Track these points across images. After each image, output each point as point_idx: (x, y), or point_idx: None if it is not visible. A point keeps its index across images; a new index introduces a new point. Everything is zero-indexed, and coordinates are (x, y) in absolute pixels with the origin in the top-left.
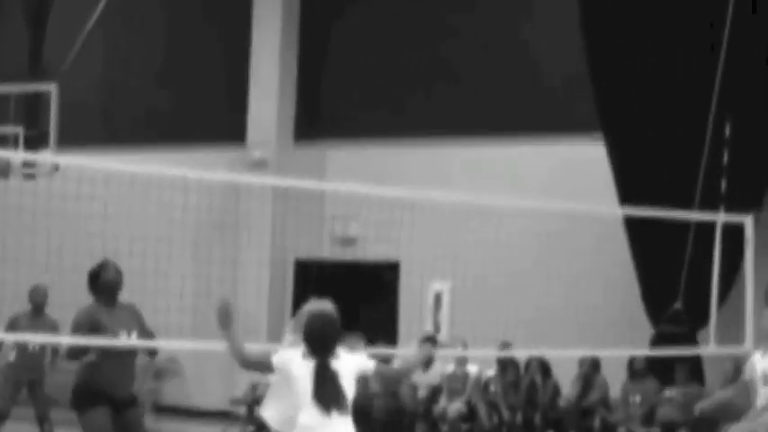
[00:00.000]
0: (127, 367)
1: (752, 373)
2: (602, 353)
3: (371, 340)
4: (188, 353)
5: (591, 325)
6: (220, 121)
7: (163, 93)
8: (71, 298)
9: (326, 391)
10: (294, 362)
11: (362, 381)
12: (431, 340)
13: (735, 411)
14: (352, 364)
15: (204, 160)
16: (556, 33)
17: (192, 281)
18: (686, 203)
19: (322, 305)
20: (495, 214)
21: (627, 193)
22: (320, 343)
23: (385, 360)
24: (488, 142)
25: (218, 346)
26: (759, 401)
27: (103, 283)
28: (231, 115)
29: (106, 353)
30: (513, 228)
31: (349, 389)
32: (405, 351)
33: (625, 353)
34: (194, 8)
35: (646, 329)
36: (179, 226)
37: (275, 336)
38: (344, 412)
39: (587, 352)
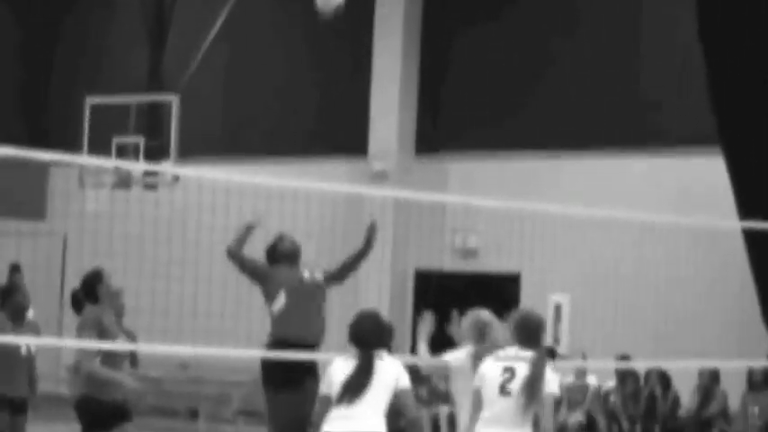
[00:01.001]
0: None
1: None
2: (722, 365)
3: None
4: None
5: (711, 337)
6: (342, 134)
7: (284, 105)
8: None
9: (353, 382)
10: (338, 362)
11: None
12: (550, 353)
13: None
14: (393, 369)
15: (326, 172)
16: (673, 43)
17: None
18: None
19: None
20: (616, 227)
21: (747, 206)
22: (360, 337)
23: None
24: (607, 155)
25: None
26: None
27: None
28: (353, 127)
29: None
30: (634, 240)
31: (383, 389)
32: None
33: (744, 364)
34: (316, 20)
35: (765, 341)
36: (301, 236)
37: (394, 344)
38: (369, 404)
39: (707, 363)
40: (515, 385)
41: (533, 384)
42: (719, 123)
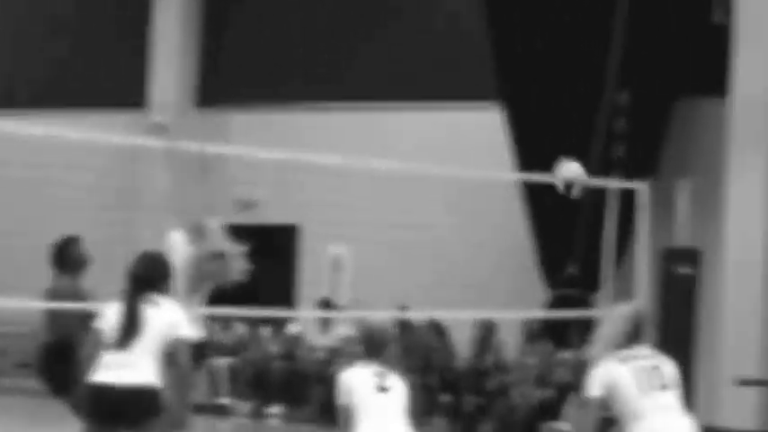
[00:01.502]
0: None
1: None
2: (498, 315)
3: (270, 303)
4: None
5: (487, 288)
6: (121, 85)
7: (60, 54)
8: None
9: (120, 326)
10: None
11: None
12: (326, 304)
13: None
14: (168, 316)
15: (104, 124)
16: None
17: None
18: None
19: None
20: (395, 179)
21: (524, 160)
22: (130, 278)
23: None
24: (388, 109)
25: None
26: None
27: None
28: (132, 79)
29: None
30: (412, 193)
31: (155, 336)
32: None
33: (520, 316)
34: None
35: (541, 293)
36: (79, 189)
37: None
38: (139, 352)
39: (483, 315)
40: None
41: None
42: (499, 79)
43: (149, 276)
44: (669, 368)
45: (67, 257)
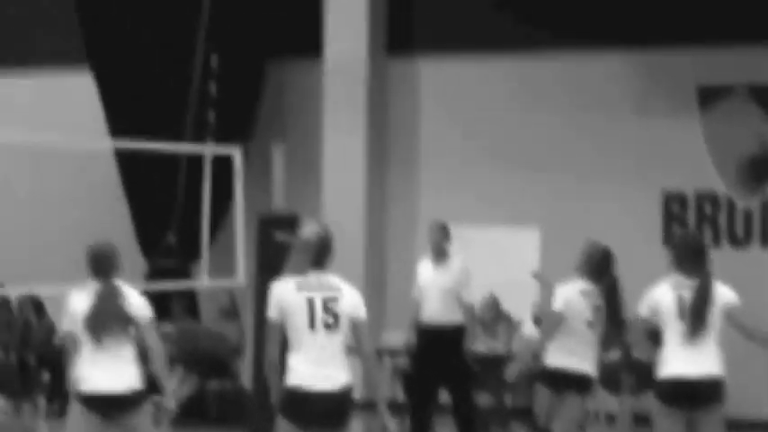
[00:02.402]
0: None
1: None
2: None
3: None
4: None
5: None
6: None
7: None
8: None
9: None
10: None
11: None
12: None
13: None
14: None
15: None
16: None
17: None
18: (177, 136)
19: None
20: None
21: (117, 127)
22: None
23: None
24: None
25: None
26: None
27: None
28: None
29: None
30: (4, 164)
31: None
32: None
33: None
34: None
35: (140, 264)
36: None
37: None
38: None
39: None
40: None
41: None
42: (87, 42)
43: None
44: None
45: None
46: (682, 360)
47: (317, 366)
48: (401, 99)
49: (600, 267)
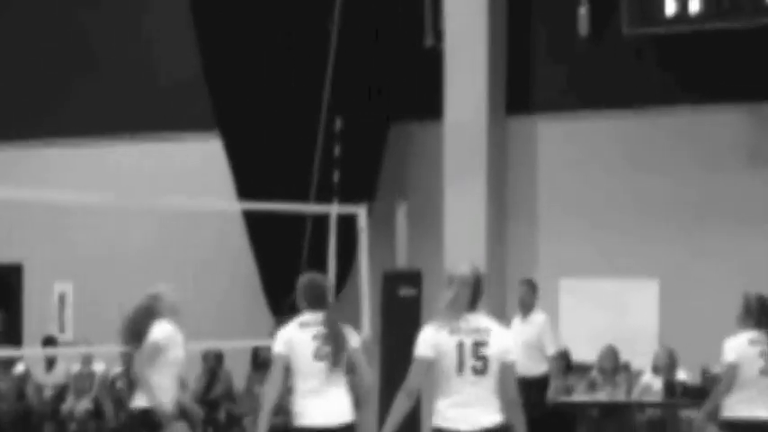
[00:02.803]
0: None
1: None
2: (226, 345)
3: None
4: None
5: (214, 318)
6: None
7: None
8: None
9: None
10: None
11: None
12: (51, 341)
13: None
14: None
15: None
16: (170, 32)
17: None
18: (302, 197)
19: None
20: (119, 213)
21: (245, 189)
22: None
23: None
24: (106, 141)
25: None
26: None
27: None
28: None
29: None
30: (136, 226)
31: None
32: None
33: (248, 344)
34: None
35: (268, 321)
36: None
37: None
38: None
39: (210, 345)
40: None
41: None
42: (216, 107)
43: None
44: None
45: None
46: None
47: (463, 409)
48: (520, 156)
49: (760, 315)
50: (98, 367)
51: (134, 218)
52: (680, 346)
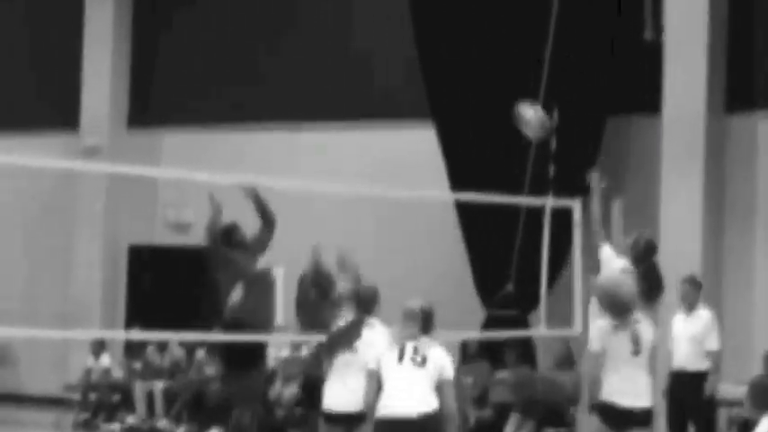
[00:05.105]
0: None
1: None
2: (437, 337)
3: (206, 326)
4: (19, 339)
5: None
6: (52, 107)
7: None
8: None
9: None
10: None
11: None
12: None
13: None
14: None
15: (36, 147)
16: (385, 19)
17: (25, 267)
18: (516, 189)
19: None
20: (331, 200)
21: (457, 179)
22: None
23: None
24: (323, 128)
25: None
26: None
27: None
28: (63, 100)
29: None
30: (348, 213)
31: None
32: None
33: (458, 336)
34: None
35: (478, 313)
36: (10, 211)
37: (108, 323)
38: None
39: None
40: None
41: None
42: (431, 96)
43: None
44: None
45: None
46: None
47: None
48: (739, 154)
49: None
50: (306, 353)
51: (346, 205)
52: None
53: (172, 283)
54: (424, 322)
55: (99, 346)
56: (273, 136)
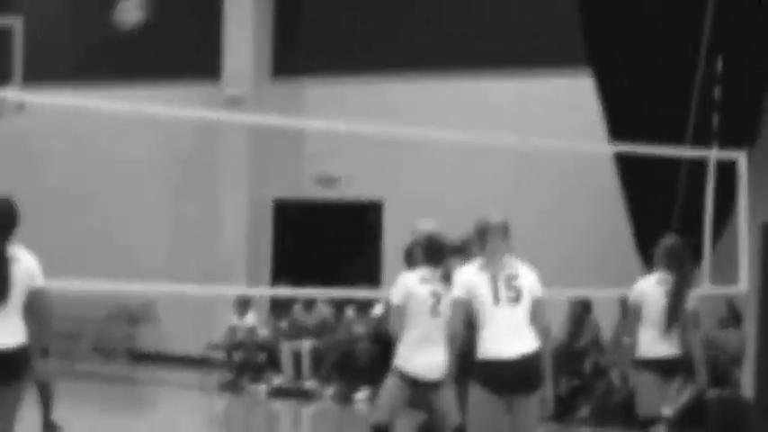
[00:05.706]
0: None
1: None
2: (594, 293)
3: (354, 283)
4: (164, 296)
5: (582, 265)
6: (194, 57)
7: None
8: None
9: None
10: None
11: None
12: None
13: None
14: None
15: (177, 97)
16: None
17: (168, 221)
18: (678, 140)
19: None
20: (484, 152)
21: (617, 130)
22: None
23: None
24: (473, 76)
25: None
26: None
27: None
28: (205, 50)
29: None
30: (504, 165)
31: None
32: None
33: (617, 293)
34: None
35: (637, 268)
36: (152, 165)
37: (254, 280)
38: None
39: (578, 293)
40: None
41: None
42: (589, 46)
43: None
44: None
45: None
46: None
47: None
48: None
49: None
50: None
51: (495, 157)
52: None
53: (319, 238)
54: (507, 237)
55: (244, 304)
56: (420, 85)
